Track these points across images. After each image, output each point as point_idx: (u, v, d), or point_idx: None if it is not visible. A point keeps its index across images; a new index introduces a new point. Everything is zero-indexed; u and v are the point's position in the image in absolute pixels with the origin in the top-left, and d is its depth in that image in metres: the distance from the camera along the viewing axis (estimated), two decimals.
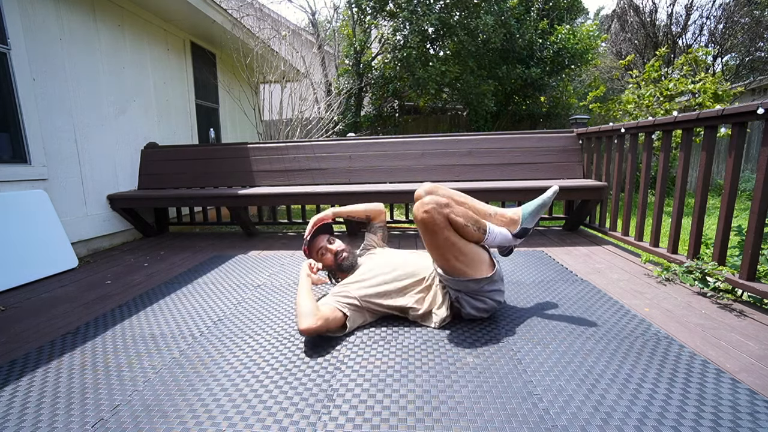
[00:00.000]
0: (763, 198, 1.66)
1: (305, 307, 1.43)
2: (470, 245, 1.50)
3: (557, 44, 8.19)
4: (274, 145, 3.65)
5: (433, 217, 1.41)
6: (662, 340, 1.41)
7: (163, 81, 4.13)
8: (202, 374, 1.28)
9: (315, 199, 3.17)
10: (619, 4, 12.08)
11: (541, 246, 2.85)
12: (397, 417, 1.05)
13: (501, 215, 1.64)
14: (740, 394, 1.10)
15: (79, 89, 3.08)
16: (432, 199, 1.43)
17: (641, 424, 0.99)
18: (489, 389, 1.15)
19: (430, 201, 1.42)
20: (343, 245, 1.83)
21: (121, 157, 3.52)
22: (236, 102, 5.68)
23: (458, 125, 9.69)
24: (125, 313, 1.82)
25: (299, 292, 1.52)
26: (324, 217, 1.86)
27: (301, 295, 1.50)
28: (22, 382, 1.27)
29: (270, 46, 5.49)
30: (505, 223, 1.63)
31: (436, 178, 3.35)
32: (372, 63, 8.12)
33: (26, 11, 2.68)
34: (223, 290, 2.09)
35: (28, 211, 2.54)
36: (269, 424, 1.03)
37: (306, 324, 1.37)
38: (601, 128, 3.00)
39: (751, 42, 10.34)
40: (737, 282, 1.76)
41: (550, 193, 1.64)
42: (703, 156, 2.02)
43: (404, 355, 1.36)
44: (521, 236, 1.64)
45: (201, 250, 3.03)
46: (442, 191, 1.62)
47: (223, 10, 4.50)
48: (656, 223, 2.36)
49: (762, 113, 1.65)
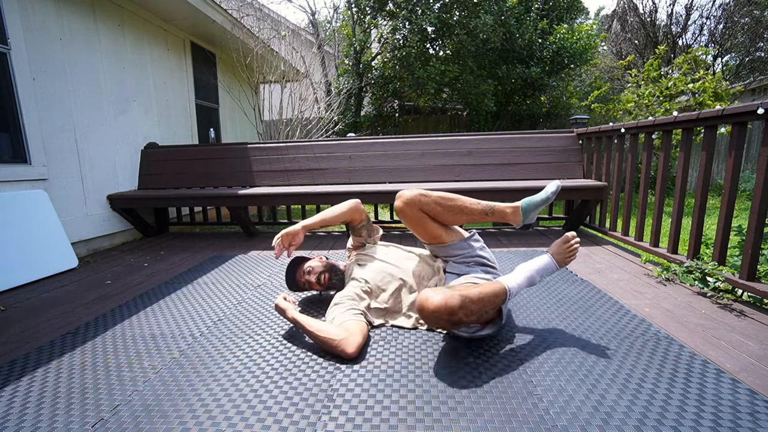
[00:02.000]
0: (763, 198, 1.66)
1: (333, 331, 1.36)
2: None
3: (556, 44, 8.20)
4: (274, 145, 3.65)
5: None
6: (662, 340, 1.41)
7: (163, 81, 4.13)
8: (202, 374, 1.28)
9: (315, 199, 3.17)
10: (619, 4, 12.09)
11: (541, 246, 2.85)
12: (397, 417, 1.05)
13: (501, 211, 1.59)
14: (740, 394, 1.10)
15: (79, 89, 3.08)
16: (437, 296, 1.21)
17: (641, 424, 0.99)
18: (489, 389, 1.15)
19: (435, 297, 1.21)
20: (320, 266, 1.75)
21: (121, 157, 3.52)
22: (236, 102, 5.68)
23: (458, 125, 9.69)
24: (125, 313, 1.82)
25: (307, 324, 1.41)
26: (292, 232, 1.63)
27: (311, 325, 1.40)
28: (22, 382, 1.27)
29: (270, 46, 5.49)
30: (506, 217, 1.60)
31: (436, 178, 3.35)
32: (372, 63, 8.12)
33: (26, 11, 2.68)
34: (223, 290, 2.08)
35: (28, 211, 2.54)
36: (269, 424, 1.03)
37: (354, 345, 1.33)
38: (601, 128, 3.00)
39: (751, 42, 10.34)
40: (737, 282, 1.76)
41: (553, 189, 1.55)
42: (703, 156, 2.02)
43: (404, 355, 1.35)
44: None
45: (201, 250, 3.03)
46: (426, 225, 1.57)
47: (223, 10, 4.50)
48: (656, 223, 2.36)
49: (762, 113, 1.65)
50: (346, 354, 1.32)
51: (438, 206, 1.54)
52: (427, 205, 1.53)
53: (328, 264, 1.78)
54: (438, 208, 1.54)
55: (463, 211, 1.56)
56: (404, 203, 1.53)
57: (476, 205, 1.57)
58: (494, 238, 3.12)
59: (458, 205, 1.55)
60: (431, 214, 1.55)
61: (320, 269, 1.74)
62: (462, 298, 1.18)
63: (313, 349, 1.42)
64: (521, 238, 3.11)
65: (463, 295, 1.19)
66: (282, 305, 1.51)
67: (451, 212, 1.56)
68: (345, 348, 1.32)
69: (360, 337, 1.37)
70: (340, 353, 1.32)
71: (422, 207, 1.53)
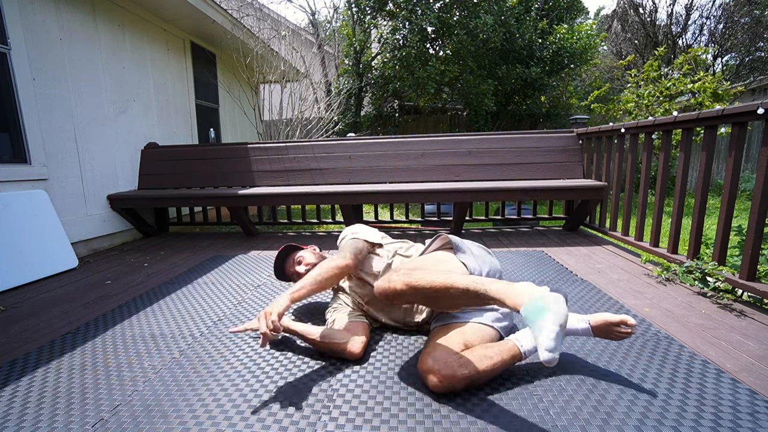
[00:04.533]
0: (763, 198, 1.66)
1: (337, 335, 1.33)
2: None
3: (556, 44, 8.20)
4: (274, 145, 3.65)
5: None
6: (662, 340, 1.41)
7: (163, 81, 4.13)
8: (202, 374, 1.28)
9: (315, 199, 3.17)
10: (620, 4, 12.09)
11: (541, 246, 2.85)
12: (397, 418, 1.05)
13: (499, 301, 0.99)
14: (740, 394, 1.10)
15: (79, 89, 3.08)
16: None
17: (641, 424, 0.99)
18: (489, 390, 1.15)
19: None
20: (312, 258, 1.64)
21: (121, 157, 3.52)
22: (236, 102, 5.68)
23: (458, 125, 9.68)
24: (125, 313, 1.82)
25: (308, 333, 1.37)
26: (276, 311, 1.18)
27: (312, 333, 1.36)
28: (22, 382, 1.27)
29: (270, 46, 5.49)
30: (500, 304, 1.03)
31: (436, 178, 3.35)
32: (372, 63, 8.11)
33: (26, 11, 2.68)
34: (223, 290, 2.08)
35: (28, 211, 2.54)
36: (269, 424, 1.03)
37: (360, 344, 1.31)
38: (601, 128, 3.00)
39: (751, 42, 10.33)
40: (737, 282, 1.76)
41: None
42: (703, 156, 2.02)
43: (404, 356, 1.35)
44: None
45: (201, 250, 3.03)
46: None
47: (223, 10, 4.50)
48: (656, 223, 2.36)
49: (762, 113, 1.65)
50: (353, 355, 1.31)
51: (425, 300, 1.21)
52: (404, 296, 1.15)
53: (321, 256, 1.69)
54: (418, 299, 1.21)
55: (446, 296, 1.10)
56: (388, 299, 1.17)
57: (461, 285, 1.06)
58: (494, 238, 3.12)
59: (443, 297, 1.10)
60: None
61: (312, 261, 1.63)
62: (468, 381, 1.09)
63: (314, 350, 1.42)
64: (521, 238, 3.11)
65: (472, 374, 1.09)
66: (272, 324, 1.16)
67: (430, 300, 1.18)
68: (352, 349, 1.31)
69: (364, 336, 1.37)
70: (348, 356, 1.32)
71: (397, 300, 1.18)
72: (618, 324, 1.20)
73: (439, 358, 1.12)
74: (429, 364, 1.12)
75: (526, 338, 1.21)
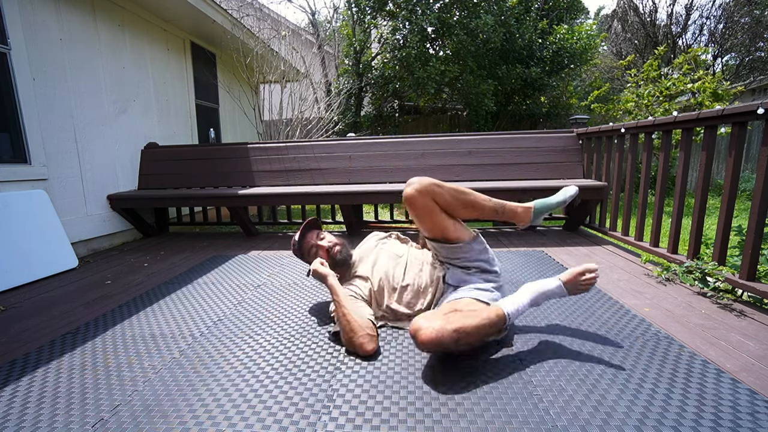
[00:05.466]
0: (763, 198, 1.66)
1: (361, 323, 1.37)
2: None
3: (556, 44, 8.20)
4: (274, 145, 3.65)
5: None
6: (662, 340, 1.41)
7: (163, 81, 4.13)
8: (202, 374, 1.28)
9: (315, 199, 3.17)
10: (619, 4, 12.08)
11: (541, 246, 2.85)
12: (397, 418, 1.05)
13: (511, 210, 1.57)
14: (740, 394, 1.10)
15: (79, 89, 3.08)
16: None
17: (641, 424, 0.99)
18: (489, 390, 1.15)
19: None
20: (334, 239, 1.72)
21: (121, 157, 3.52)
22: (236, 102, 5.68)
23: (458, 125, 9.68)
24: (125, 313, 1.82)
25: (342, 302, 1.42)
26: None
27: (346, 305, 1.40)
28: (22, 382, 1.27)
29: (270, 46, 5.49)
30: (515, 217, 1.58)
31: (436, 177, 3.35)
32: (372, 63, 8.11)
33: (26, 11, 2.68)
34: (223, 290, 2.08)
35: (28, 211, 2.54)
36: (269, 424, 1.03)
37: (374, 343, 1.35)
38: (601, 128, 3.00)
39: (751, 42, 10.33)
40: (737, 282, 1.76)
41: (571, 192, 1.59)
42: (703, 156, 2.02)
43: (404, 356, 1.35)
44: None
45: (201, 250, 3.03)
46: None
47: (223, 10, 4.50)
48: (656, 223, 2.36)
49: (762, 113, 1.65)
50: (365, 350, 1.33)
51: (451, 198, 1.47)
52: (440, 196, 1.46)
53: (343, 241, 1.73)
54: (450, 200, 1.47)
55: (474, 207, 1.51)
56: (417, 191, 1.44)
57: (487, 202, 1.53)
58: (494, 238, 3.12)
59: (470, 199, 1.50)
60: (442, 206, 1.48)
61: (335, 241, 1.70)
62: (456, 334, 1.15)
63: (314, 349, 1.42)
64: (521, 238, 3.11)
65: (458, 330, 1.15)
66: (322, 271, 1.51)
67: (462, 206, 1.50)
68: (365, 345, 1.33)
69: (377, 336, 1.39)
70: (358, 347, 1.33)
71: (435, 197, 1.45)
72: (583, 273, 1.37)
73: (428, 316, 1.21)
74: (419, 322, 1.19)
75: (511, 303, 1.31)
